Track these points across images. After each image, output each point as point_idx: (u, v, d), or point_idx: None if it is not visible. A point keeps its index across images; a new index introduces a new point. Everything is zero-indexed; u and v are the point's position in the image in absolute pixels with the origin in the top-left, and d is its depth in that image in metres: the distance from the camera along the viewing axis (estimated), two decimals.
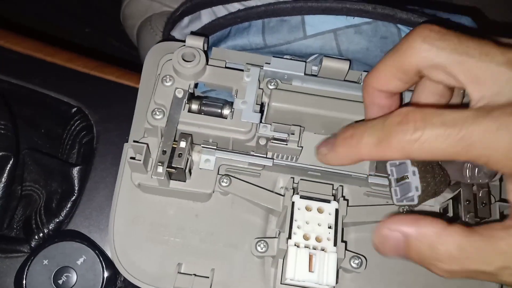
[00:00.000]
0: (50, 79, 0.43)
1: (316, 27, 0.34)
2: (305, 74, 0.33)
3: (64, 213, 0.38)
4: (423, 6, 0.38)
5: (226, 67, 0.33)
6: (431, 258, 0.23)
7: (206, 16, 0.40)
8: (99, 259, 0.34)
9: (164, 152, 0.29)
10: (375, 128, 0.24)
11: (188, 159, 0.30)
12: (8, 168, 0.39)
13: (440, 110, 0.22)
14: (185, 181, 0.31)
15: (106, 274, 0.34)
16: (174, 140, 0.30)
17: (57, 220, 0.39)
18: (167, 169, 0.29)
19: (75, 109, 0.43)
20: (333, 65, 0.33)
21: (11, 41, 0.43)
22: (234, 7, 0.38)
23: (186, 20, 0.42)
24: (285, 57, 0.35)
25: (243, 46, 0.36)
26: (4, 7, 0.93)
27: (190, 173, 0.32)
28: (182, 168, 0.29)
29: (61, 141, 0.44)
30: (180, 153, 0.29)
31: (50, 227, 0.39)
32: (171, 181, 0.31)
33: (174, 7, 0.54)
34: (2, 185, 0.39)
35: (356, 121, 0.29)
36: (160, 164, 0.29)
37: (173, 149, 0.29)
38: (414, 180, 0.28)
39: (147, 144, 0.30)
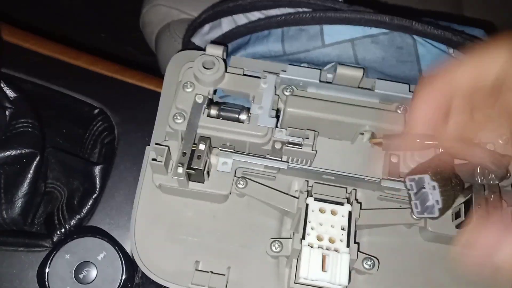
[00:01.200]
0: (73, 81, 0.45)
1: (334, 37, 0.35)
2: (320, 81, 0.34)
3: (85, 210, 0.40)
4: (436, 18, 0.39)
5: (244, 75, 0.35)
6: None
7: (227, 24, 0.41)
8: (119, 255, 0.36)
9: (184, 154, 0.30)
10: None
11: (206, 161, 0.32)
12: (34, 164, 0.41)
13: None
14: (203, 183, 0.33)
15: (125, 270, 0.35)
16: (194, 143, 0.31)
17: (79, 217, 0.40)
18: (187, 170, 0.30)
19: (98, 110, 0.44)
20: (347, 72, 0.34)
21: (36, 44, 0.45)
22: (254, 15, 0.39)
23: (207, 27, 0.43)
24: (302, 65, 0.36)
25: (263, 53, 0.37)
26: (22, 13, 0.96)
27: (208, 175, 0.33)
28: (201, 169, 0.30)
29: (82, 141, 0.46)
30: (199, 155, 0.31)
31: (72, 223, 0.40)
32: (190, 182, 0.33)
33: (192, 14, 0.56)
34: (28, 181, 0.41)
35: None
36: (180, 165, 0.30)
37: (193, 152, 0.31)
38: (435, 194, 0.29)
39: (168, 146, 0.31)
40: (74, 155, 0.44)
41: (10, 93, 0.42)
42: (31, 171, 0.41)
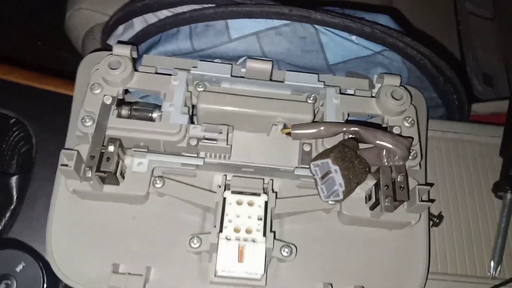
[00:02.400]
0: None
1: (239, 31, 0.36)
2: (232, 76, 0.34)
3: (3, 223, 0.38)
4: (344, 7, 0.41)
5: (156, 73, 0.35)
6: None
7: (139, 24, 0.41)
8: (39, 265, 0.35)
9: (92, 157, 0.30)
10: None
11: (119, 163, 0.31)
12: None
13: None
14: (118, 185, 0.32)
15: (46, 280, 0.34)
16: (103, 145, 0.31)
17: None
18: (97, 173, 0.30)
19: (13, 120, 0.43)
20: (257, 66, 0.34)
21: None
22: (163, 14, 0.39)
23: (120, 28, 0.43)
24: (215, 60, 0.36)
25: (173, 51, 0.37)
26: None
27: (123, 176, 0.32)
28: (111, 171, 0.30)
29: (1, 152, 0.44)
30: (108, 157, 0.30)
31: None
32: (105, 185, 0.32)
33: None
34: None
35: None
36: (88, 168, 0.30)
37: (102, 154, 0.30)
38: (337, 177, 0.30)
39: (77, 150, 0.31)
40: None
41: None
42: None
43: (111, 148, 0.30)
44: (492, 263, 0.39)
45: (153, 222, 0.34)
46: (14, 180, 0.39)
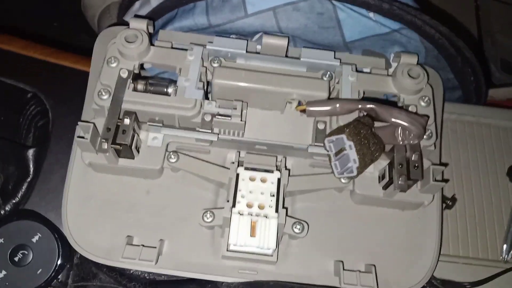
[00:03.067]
0: (5, 66, 0.43)
1: (256, 6, 0.35)
2: (247, 51, 0.34)
3: (20, 194, 0.39)
4: None
5: (172, 48, 0.35)
6: None
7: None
8: (54, 236, 0.35)
9: (108, 129, 0.30)
10: None
11: (134, 136, 0.32)
12: None
13: None
14: (133, 158, 0.33)
15: (61, 251, 0.35)
16: (119, 119, 0.31)
17: (14, 201, 0.40)
18: (112, 145, 0.30)
19: (30, 94, 0.43)
20: (273, 41, 0.34)
21: None
22: None
23: (137, 4, 0.43)
24: (231, 36, 0.36)
25: (190, 27, 0.37)
26: None
27: (138, 150, 0.33)
28: (126, 144, 0.30)
29: (16, 126, 0.44)
30: (124, 130, 0.30)
31: (7, 208, 0.39)
32: (120, 159, 0.32)
33: None
34: None
35: None
36: (104, 140, 0.30)
37: (118, 127, 0.30)
38: (352, 153, 0.30)
39: (93, 123, 0.31)
40: (8, 140, 0.43)
41: None
42: None
43: (126, 121, 0.31)
44: (505, 246, 0.39)
45: (167, 196, 0.34)
46: (31, 153, 0.39)
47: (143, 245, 0.31)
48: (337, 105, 0.31)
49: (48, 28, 1.00)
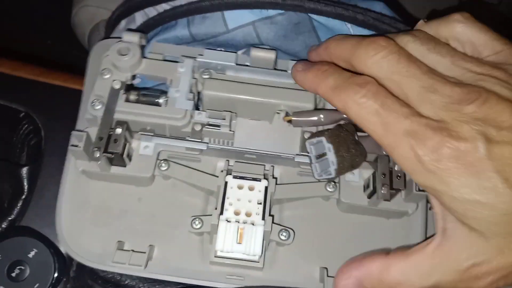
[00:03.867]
0: None
1: (236, 21, 0.37)
2: (236, 64, 0.35)
3: (16, 211, 0.40)
4: None
5: (163, 60, 0.36)
6: None
7: (140, 18, 0.42)
8: (50, 251, 0.36)
9: (100, 138, 0.31)
10: (342, 76, 0.28)
11: (126, 145, 0.33)
12: None
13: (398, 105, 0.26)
14: (125, 166, 0.34)
15: (57, 265, 0.36)
16: (111, 128, 0.32)
17: (9, 219, 0.40)
18: (105, 154, 0.31)
19: (23, 113, 0.44)
20: (261, 54, 0.35)
21: None
22: (163, 7, 0.41)
23: (123, 23, 0.44)
24: (218, 49, 0.37)
25: (172, 39, 0.38)
26: None
27: (130, 158, 0.34)
28: (118, 152, 0.31)
29: (9, 145, 0.45)
30: (116, 139, 0.31)
31: (3, 225, 0.40)
32: (112, 166, 0.34)
33: None
34: None
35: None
36: (96, 149, 0.31)
37: (110, 136, 0.32)
38: (330, 155, 0.31)
39: (87, 132, 0.32)
40: (2, 159, 0.44)
41: None
42: None
43: (118, 131, 0.32)
44: None
45: (157, 203, 0.35)
46: (24, 170, 0.41)
47: (133, 250, 0.32)
48: (321, 116, 0.32)
49: (42, 46, 1.02)
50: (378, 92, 0.26)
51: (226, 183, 0.33)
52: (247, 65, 0.36)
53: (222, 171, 0.34)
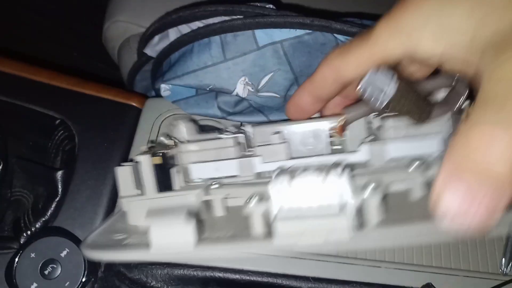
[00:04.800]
0: (35, 95, 0.48)
1: (265, 39, 0.40)
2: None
3: (49, 213, 0.42)
4: (363, 18, 0.44)
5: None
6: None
7: (173, 34, 0.45)
8: (81, 251, 0.38)
9: None
10: None
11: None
12: None
13: None
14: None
15: (87, 265, 0.38)
16: None
17: (43, 219, 0.43)
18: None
19: (59, 121, 0.47)
20: None
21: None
22: (196, 25, 0.44)
23: (156, 38, 0.47)
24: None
25: (206, 61, 0.41)
26: None
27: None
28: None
29: (45, 150, 0.48)
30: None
31: (37, 226, 0.43)
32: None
33: None
34: None
35: None
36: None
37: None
38: (391, 85, 0.27)
39: None
40: (38, 163, 0.47)
41: None
42: None
43: None
44: (503, 260, 0.41)
45: None
46: (59, 174, 0.43)
47: None
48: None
49: (69, 57, 1.07)
50: None
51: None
52: None
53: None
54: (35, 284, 0.37)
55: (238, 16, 0.40)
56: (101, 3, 0.69)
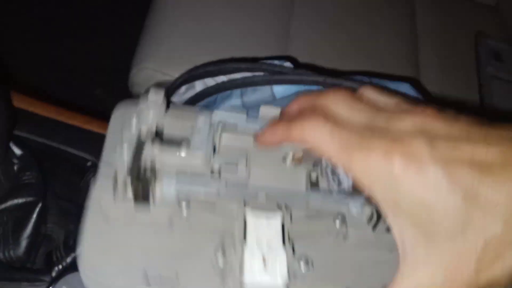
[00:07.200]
0: (69, 138, 0.53)
1: (282, 93, 0.44)
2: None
3: None
4: (371, 77, 0.48)
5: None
6: None
7: (199, 85, 0.51)
8: None
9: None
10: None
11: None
12: (37, 211, 0.49)
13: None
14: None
15: None
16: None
17: (74, 254, 0.47)
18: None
19: (90, 162, 0.53)
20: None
21: (39, 108, 0.55)
22: (220, 79, 0.49)
23: (183, 88, 0.53)
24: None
25: (228, 108, 0.46)
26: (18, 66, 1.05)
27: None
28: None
29: (78, 189, 0.54)
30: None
31: (68, 260, 0.47)
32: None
33: (173, 75, 0.66)
34: (32, 225, 0.49)
35: None
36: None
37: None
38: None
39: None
40: (70, 201, 0.52)
41: (17, 151, 0.51)
42: (35, 216, 0.49)
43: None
44: None
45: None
46: None
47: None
48: None
49: (89, 96, 1.13)
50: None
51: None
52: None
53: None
54: None
55: (259, 73, 0.45)
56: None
